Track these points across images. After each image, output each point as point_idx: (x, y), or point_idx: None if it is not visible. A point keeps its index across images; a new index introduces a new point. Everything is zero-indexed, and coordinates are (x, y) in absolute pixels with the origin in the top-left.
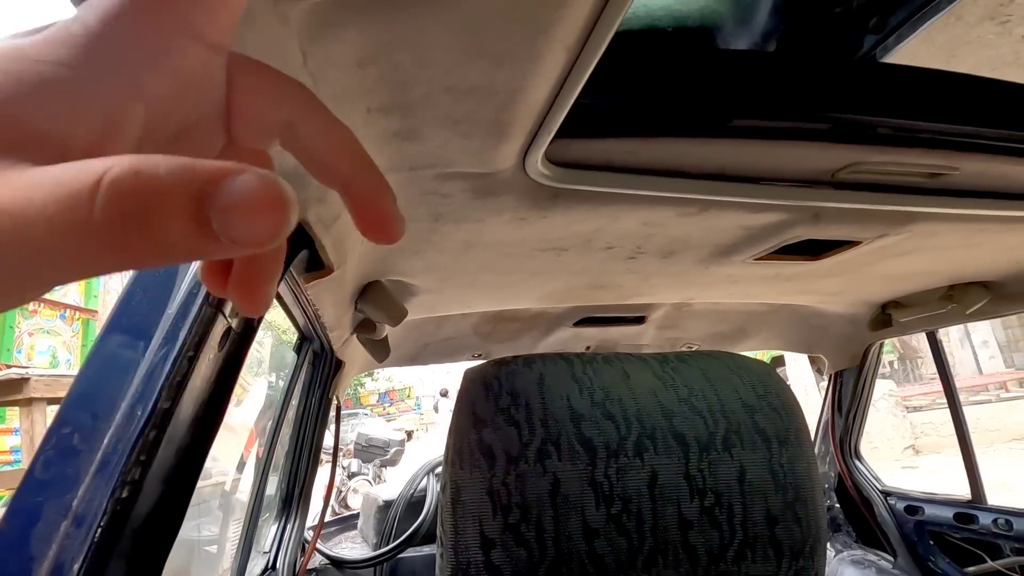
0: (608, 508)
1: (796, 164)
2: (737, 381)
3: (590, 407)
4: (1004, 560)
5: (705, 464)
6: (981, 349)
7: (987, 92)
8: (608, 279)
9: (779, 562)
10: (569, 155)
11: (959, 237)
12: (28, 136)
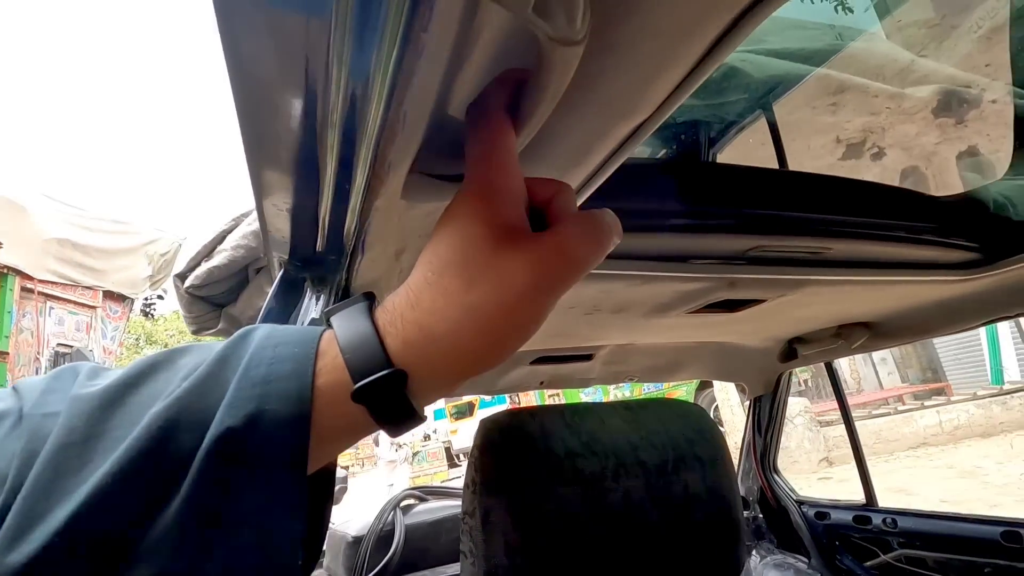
0: (596, 520)
1: (716, 247)
2: (681, 421)
3: (580, 446)
4: (892, 553)
5: (662, 483)
6: (880, 366)
7: (846, 188)
8: (567, 330)
9: (715, 551)
10: None
11: (840, 294)
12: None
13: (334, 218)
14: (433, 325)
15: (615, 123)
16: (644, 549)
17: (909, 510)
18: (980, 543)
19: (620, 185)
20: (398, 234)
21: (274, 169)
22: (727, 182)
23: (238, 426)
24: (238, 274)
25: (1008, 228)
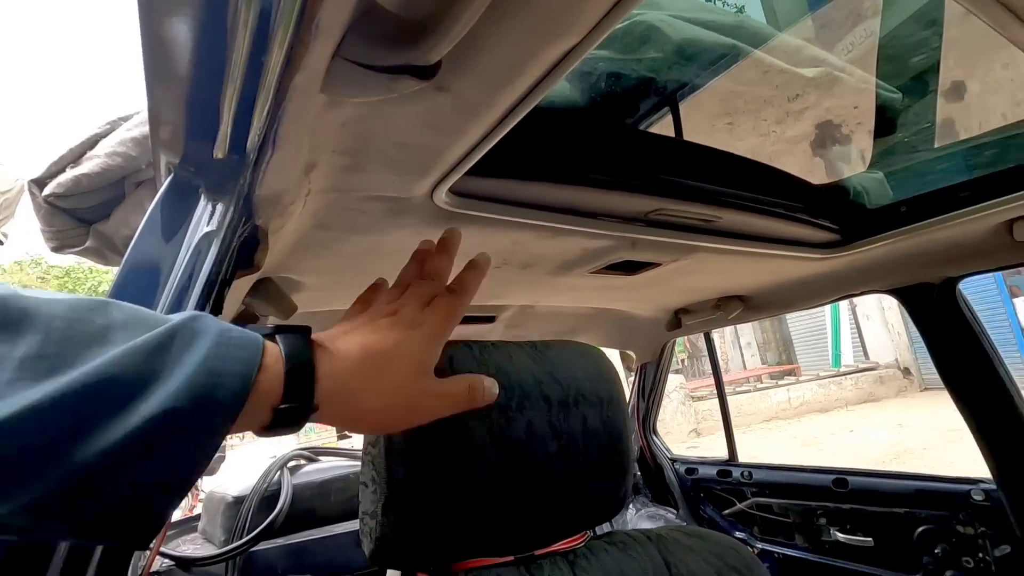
0: (501, 447)
1: (623, 206)
2: (583, 362)
3: None
4: (746, 501)
5: (562, 416)
6: (746, 349)
7: (739, 165)
8: None
9: (604, 481)
10: (466, 188)
11: (723, 264)
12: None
13: (243, 103)
14: (354, 390)
15: (547, 43)
16: (542, 475)
17: (763, 464)
18: (815, 489)
19: (543, 132)
20: (311, 142)
21: (172, 40)
22: (638, 145)
23: (183, 407)
24: (112, 187)
25: (863, 214)
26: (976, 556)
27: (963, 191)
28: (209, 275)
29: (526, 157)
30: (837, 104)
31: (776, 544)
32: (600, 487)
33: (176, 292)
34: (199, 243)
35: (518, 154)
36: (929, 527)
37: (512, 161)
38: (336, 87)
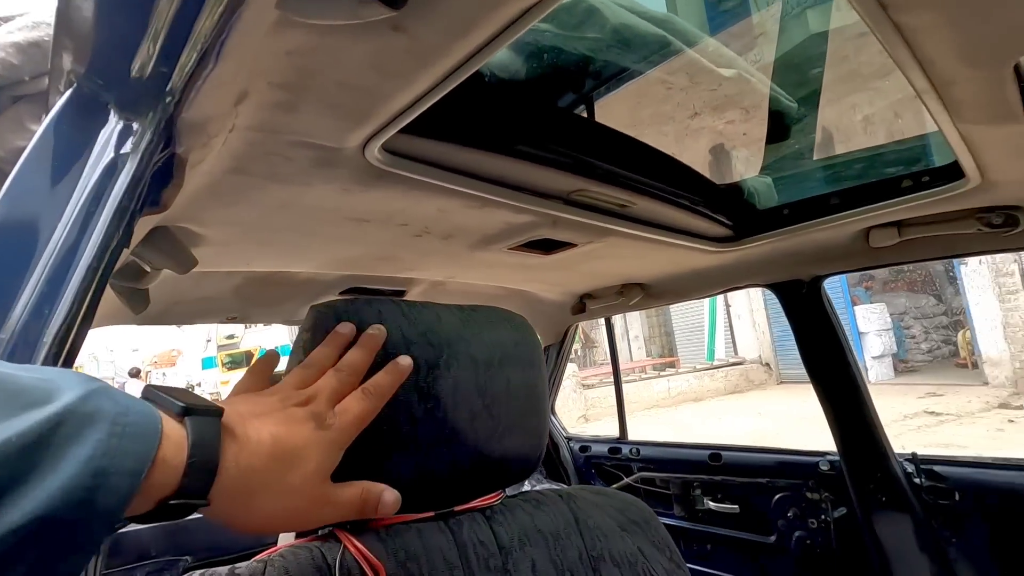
0: (426, 404)
1: (547, 183)
2: (508, 324)
3: (417, 335)
4: (633, 476)
5: (488, 376)
6: (633, 342)
7: (653, 155)
8: (393, 252)
9: (524, 438)
10: (399, 146)
11: (629, 250)
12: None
13: (187, 3)
14: (253, 490)
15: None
16: (466, 434)
17: (649, 441)
18: (694, 464)
19: (478, 98)
20: (251, 66)
21: None
22: (567, 124)
23: (58, 515)
24: None
25: (753, 213)
26: (819, 518)
27: (834, 199)
28: (117, 208)
29: (460, 121)
30: (741, 111)
31: (657, 514)
32: (519, 447)
33: (76, 226)
34: (106, 169)
35: (453, 117)
36: (785, 494)
37: (447, 124)
38: (295, 3)
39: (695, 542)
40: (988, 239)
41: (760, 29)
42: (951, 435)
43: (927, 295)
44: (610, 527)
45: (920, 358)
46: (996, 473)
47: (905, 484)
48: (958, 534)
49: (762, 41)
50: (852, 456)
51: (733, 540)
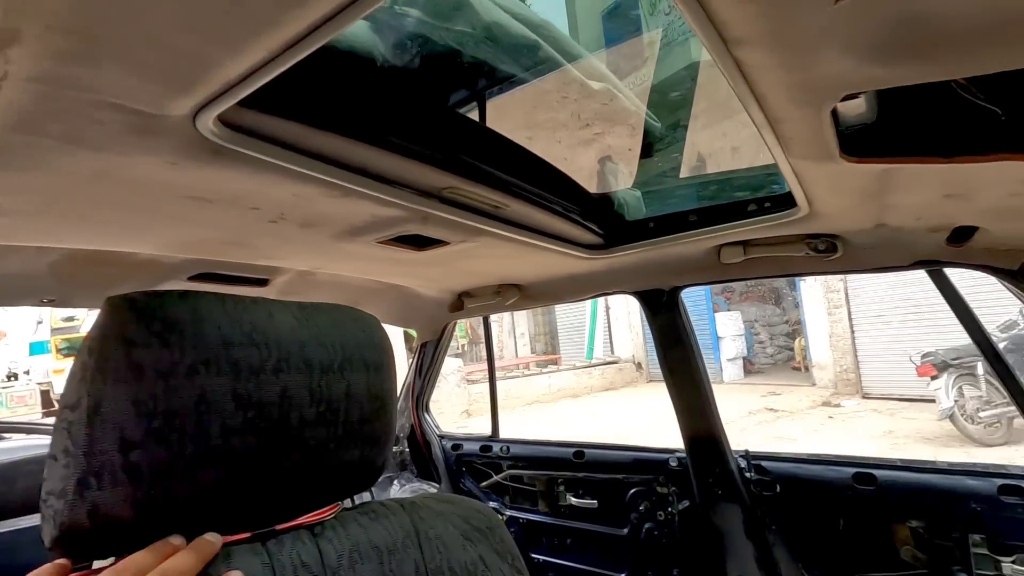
0: (246, 413)
1: (418, 177)
2: (354, 326)
3: (239, 336)
4: (502, 474)
5: (324, 382)
6: (520, 339)
7: (530, 160)
8: (245, 238)
9: (363, 449)
10: (242, 120)
11: (505, 251)
12: None
13: None
14: None
15: None
16: (293, 444)
17: (519, 439)
18: (560, 461)
19: (345, 79)
20: (18, 2)
21: None
22: (443, 119)
23: None
24: None
25: (622, 224)
26: (666, 511)
27: (692, 216)
28: None
29: (322, 102)
30: (610, 125)
31: (522, 511)
32: (358, 456)
33: None
34: None
35: (312, 96)
36: (638, 489)
37: (304, 102)
38: None
39: (556, 537)
40: (814, 262)
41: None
42: (785, 429)
43: (773, 306)
44: (452, 537)
45: (765, 361)
46: (809, 467)
47: (738, 478)
48: (778, 520)
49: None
50: (697, 453)
51: (591, 534)
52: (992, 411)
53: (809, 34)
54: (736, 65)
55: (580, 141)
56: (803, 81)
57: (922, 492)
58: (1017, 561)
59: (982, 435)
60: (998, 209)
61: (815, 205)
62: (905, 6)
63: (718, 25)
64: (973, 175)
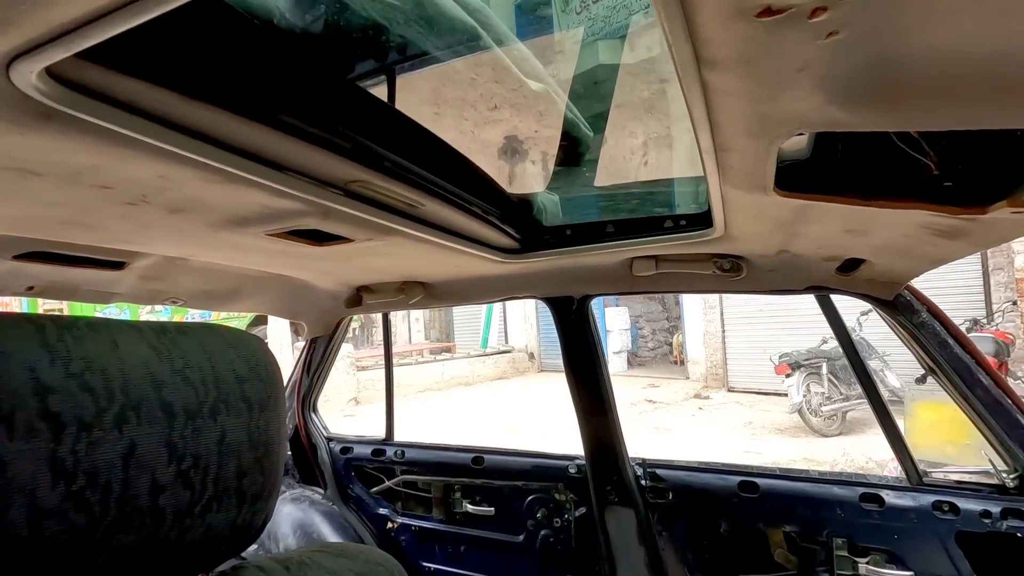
0: (68, 486)
1: (320, 167)
2: (233, 354)
3: (63, 379)
4: (395, 479)
5: (189, 431)
6: (414, 324)
7: (450, 157)
8: (91, 219)
9: (240, 508)
10: (84, 78)
11: (415, 251)
12: None
13: None
14: None
15: None
16: (140, 515)
17: (415, 443)
18: (457, 467)
19: (233, 42)
20: None
21: None
22: (353, 101)
23: None
24: None
25: (539, 228)
26: (563, 517)
27: (609, 227)
28: None
29: (200, 65)
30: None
31: (415, 518)
32: (232, 519)
33: None
34: None
35: (189, 57)
36: (537, 495)
37: (177, 63)
38: None
39: (450, 544)
40: (719, 280)
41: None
42: (662, 419)
43: (657, 303)
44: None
45: (647, 354)
46: (700, 476)
47: (634, 485)
48: (668, 526)
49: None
50: (596, 461)
51: (486, 541)
52: (831, 406)
53: (788, 66)
54: (701, 87)
55: (506, 140)
56: (764, 114)
57: (796, 499)
58: (871, 562)
59: (822, 427)
60: (888, 246)
61: (730, 228)
62: (884, 50)
63: (697, 42)
64: (877, 215)
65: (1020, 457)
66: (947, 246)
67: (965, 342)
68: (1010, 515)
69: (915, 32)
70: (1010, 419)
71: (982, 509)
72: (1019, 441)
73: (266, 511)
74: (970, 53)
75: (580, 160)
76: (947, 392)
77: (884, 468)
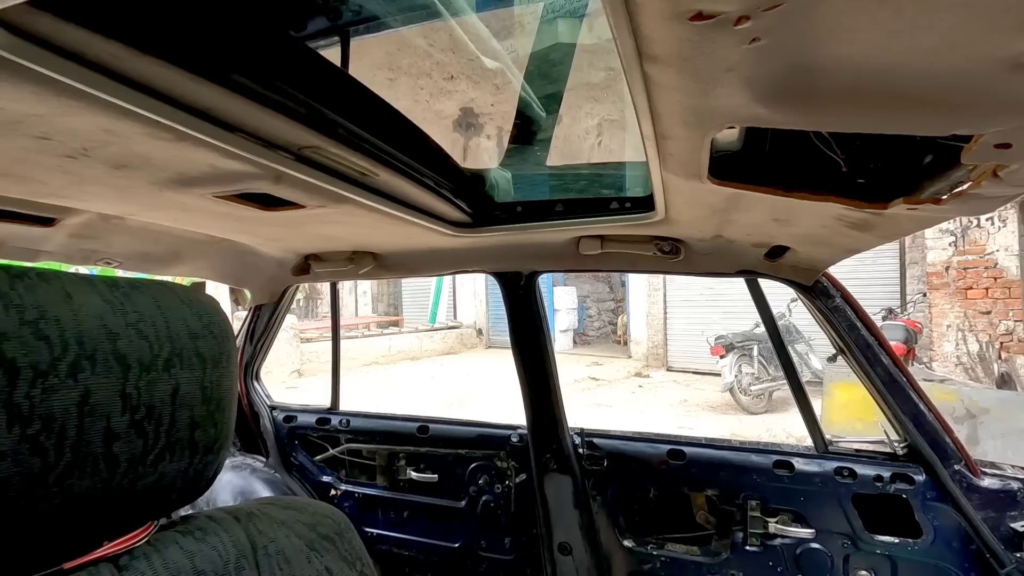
0: (24, 429)
1: (273, 131)
2: (187, 311)
3: (18, 326)
4: (339, 447)
5: (143, 383)
6: (361, 298)
7: (406, 128)
8: (24, 171)
9: (192, 459)
10: (29, 25)
11: (367, 220)
12: None
13: None
14: None
15: None
16: (94, 462)
17: (360, 412)
18: (402, 436)
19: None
20: None
21: None
22: (308, 65)
23: None
24: None
25: (491, 204)
26: (504, 484)
27: (558, 206)
28: None
29: (149, 17)
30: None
31: (359, 485)
32: (184, 468)
33: None
34: None
35: (138, 8)
36: (479, 463)
37: (125, 14)
38: None
39: (393, 510)
40: (659, 262)
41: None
42: (604, 395)
43: (604, 283)
44: (296, 549)
45: (593, 333)
46: (633, 444)
47: (572, 453)
48: (602, 491)
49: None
50: (537, 430)
51: (428, 507)
52: (760, 386)
53: (718, 66)
54: (643, 80)
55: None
56: (698, 107)
57: (718, 466)
58: (779, 521)
59: (750, 404)
60: (809, 235)
61: (670, 213)
62: (801, 58)
63: (639, 38)
64: (797, 207)
65: (909, 428)
66: (858, 237)
67: (871, 326)
68: (898, 479)
69: (826, 44)
70: (904, 395)
71: (875, 474)
72: (909, 414)
73: (217, 463)
74: (872, 66)
75: (532, 138)
76: (853, 369)
77: (803, 443)
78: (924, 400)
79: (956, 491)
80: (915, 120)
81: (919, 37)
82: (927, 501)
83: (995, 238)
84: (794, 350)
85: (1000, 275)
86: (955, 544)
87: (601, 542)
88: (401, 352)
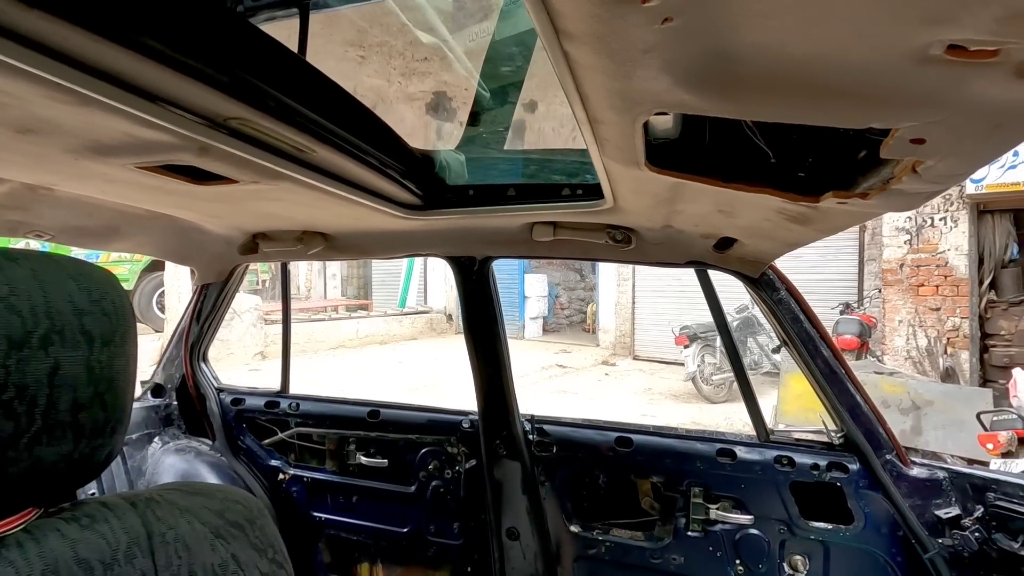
0: None
1: (194, 99)
2: (73, 286)
3: None
4: (288, 431)
5: (13, 361)
6: (331, 280)
7: (347, 104)
8: None
9: (77, 443)
10: None
11: (311, 198)
12: None
13: None
14: None
15: None
16: None
17: (310, 396)
18: (353, 420)
19: None
20: None
21: None
22: (234, 30)
23: None
24: None
25: (442, 187)
26: (454, 469)
27: (511, 191)
28: None
29: None
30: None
31: (308, 469)
32: (68, 452)
33: None
34: None
35: None
36: (430, 448)
37: None
38: None
39: (342, 495)
40: (611, 250)
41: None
42: (571, 383)
43: (575, 272)
44: (199, 536)
45: (562, 321)
46: (582, 431)
47: (522, 440)
48: (550, 477)
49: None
50: (488, 416)
51: (378, 491)
52: (721, 376)
53: (634, 47)
54: (565, 59)
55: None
56: (622, 90)
57: (663, 453)
58: (720, 508)
59: (711, 394)
60: (753, 228)
61: (619, 201)
62: (717, 42)
63: (552, 14)
64: (739, 199)
65: (846, 419)
66: (799, 231)
67: (813, 319)
68: (834, 468)
69: (741, 29)
70: (841, 386)
71: (813, 463)
72: (846, 405)
73: (110, 447)
74: (789, 55)
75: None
76: (795, 360)
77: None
78: (860, 392)
79: (886, 479)
80: (833, 112)
81: (830, 27)
82: (859, 489)
83: (947, 237)
84: (756, 341)
85: (950, 273)
86: (884, 530)
87: (548, 527)
88: (370, 336)
